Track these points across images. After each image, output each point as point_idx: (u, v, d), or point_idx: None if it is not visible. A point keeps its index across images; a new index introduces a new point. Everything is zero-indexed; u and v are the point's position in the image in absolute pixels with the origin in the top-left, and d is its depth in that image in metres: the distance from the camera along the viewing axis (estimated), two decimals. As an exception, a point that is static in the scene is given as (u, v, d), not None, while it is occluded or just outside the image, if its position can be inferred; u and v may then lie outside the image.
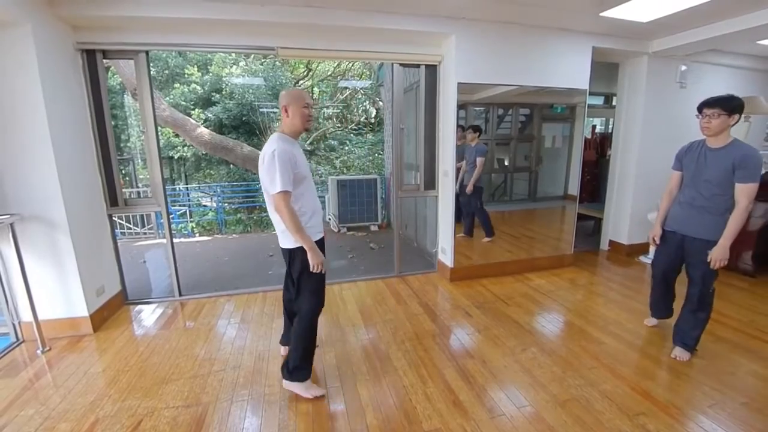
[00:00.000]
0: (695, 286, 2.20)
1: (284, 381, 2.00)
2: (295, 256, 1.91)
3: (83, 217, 2.67)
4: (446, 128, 3.44)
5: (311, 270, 1.84)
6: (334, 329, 2.69)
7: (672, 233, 2.29)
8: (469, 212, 3.77)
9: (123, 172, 8.79)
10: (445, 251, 3.64)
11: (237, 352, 2.42)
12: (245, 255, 4.85)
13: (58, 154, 2.40)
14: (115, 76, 7.69)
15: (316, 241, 1.89)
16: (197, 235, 7.95)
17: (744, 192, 1.96)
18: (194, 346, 2.48)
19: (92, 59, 2.77)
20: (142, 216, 7.27)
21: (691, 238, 2.17)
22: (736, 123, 1.99)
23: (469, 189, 3.63)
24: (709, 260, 2.06)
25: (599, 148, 5.51)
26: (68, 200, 2.48)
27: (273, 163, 1.73)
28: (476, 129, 3.59)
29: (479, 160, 3.56)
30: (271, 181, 1.75)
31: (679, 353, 2.26)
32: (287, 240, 1.89)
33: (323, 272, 1.90)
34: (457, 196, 3.56)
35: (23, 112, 2.30)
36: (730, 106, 1.96)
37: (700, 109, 2.07)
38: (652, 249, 3.87)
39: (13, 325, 2.53)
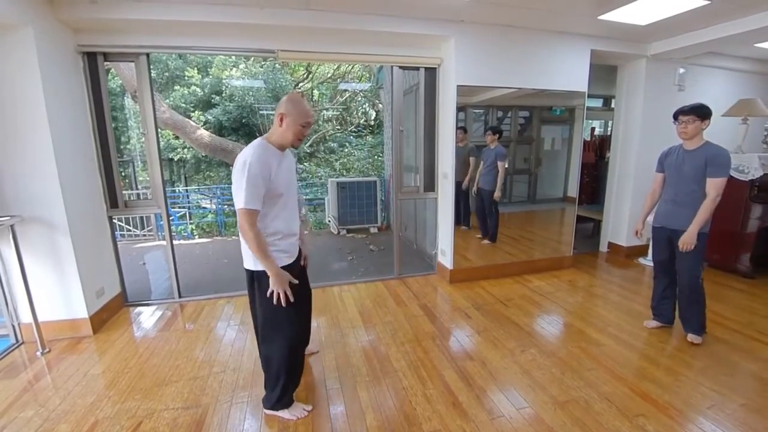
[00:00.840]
0: (684, 277, 2.41)
1: (265, 410, 1.86)
2: (258, 281, 1.69)
3: (83, 218, 2.67)
4: (446, 130, 3.45)
5: (267, 295, 1.63)
6: (334, 331, 2.69)
7: (661, 229, 2.50)
8: (481, 215, 3.77)
9: (123, 173, 8.80)
10: (445, 253, 3.64)
11: (237, 354, 2.42)
12: (245, 257, 4.85)
13: (59, 155, 2.41)
14: (115, 78, 7.70)
15: (287, 266, 1.69)
16: (197, 237, 7.95)
17: (713, 185, 2.20)
18: (194, 348, 2.48)
19: (93, 61, 2.78)
20: (141, 218, 7.28)
21: (677, 231, 2.36)
22: (706, 127, 2.26)
23: (497, 196, 3.60)
24: (681, 246, 2.29)
25: (598, 150, 5.52)
26: (68, 202, 2.49)
27: (242, 174, 1.50)
28: (495, 131, 3.54)
29: (500, 164, 3.53)
30: (235, 194, 1.53)
31: (692, 338, 2.45)
32: (249, 260, 1.68)
33: (289, 302, 1.64)
34: (458, 197, 3.55)
35: (24, 114, 2.31)
36: (702, 112, 2.22)
37: (675, 116, 2.31)
38: (650, 251, 3.88)
39: (13, 326, 2.53)
